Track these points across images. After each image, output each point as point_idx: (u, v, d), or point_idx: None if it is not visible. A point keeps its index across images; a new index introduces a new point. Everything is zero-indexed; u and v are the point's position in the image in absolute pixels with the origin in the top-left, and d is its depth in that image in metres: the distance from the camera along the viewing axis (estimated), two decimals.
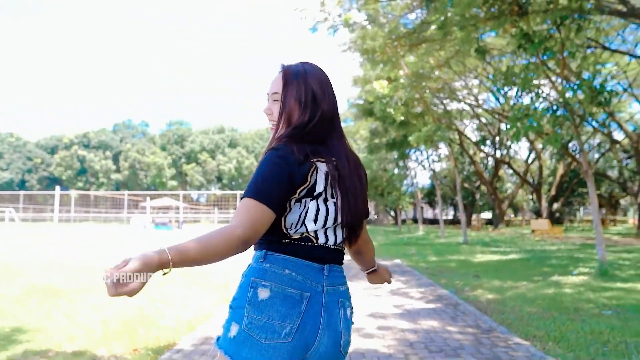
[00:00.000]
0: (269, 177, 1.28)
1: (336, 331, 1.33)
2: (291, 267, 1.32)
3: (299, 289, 1.30)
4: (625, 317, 5.02)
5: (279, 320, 1.26)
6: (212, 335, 4.28)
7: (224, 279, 8.02)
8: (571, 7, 7.80)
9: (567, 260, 11.18)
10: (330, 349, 1.32)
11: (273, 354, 1.24)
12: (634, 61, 21.13)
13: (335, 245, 1.40)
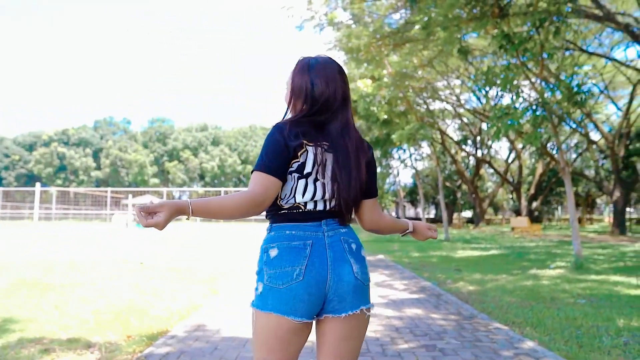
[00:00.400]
0: (270, 150, 1.51)
1: (345, 260, 1.52)
2: (291, 228, 1.53)
3: (301, 240, 1.51)
4: (597, 305, 5.29)
5: (289, 266, 1.48)
6: (204, 323, 4.40)
7: (211, 273, 8.11)
8: (550, 10, 8.08)
9: (545, 256, 11.53)
10: (346, 276, 1.50)
11: (290, 294, 1.47)
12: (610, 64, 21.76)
13: (325, 210, 1.57)
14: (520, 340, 3.80)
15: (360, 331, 1.57)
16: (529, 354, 3.45)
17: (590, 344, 3.67)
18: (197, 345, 3.64)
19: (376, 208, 1.69)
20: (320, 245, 1.51)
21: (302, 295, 1.46)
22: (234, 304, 5.37)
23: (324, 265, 1.49)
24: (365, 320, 1.57)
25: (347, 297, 1.51)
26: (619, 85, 26.04)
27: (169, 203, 1.33)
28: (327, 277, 1.48)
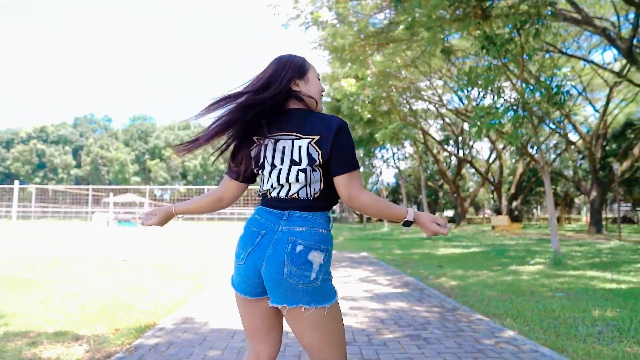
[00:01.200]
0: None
1: (279, 261, 1.60)
2: (259, 213, 1.73)
3: (258, 228, 1.69)
4: (574, 298, 5.47)
5: (241, 249, 1.70)
6: (191, 316, 4.44)
7: (196, 270, 8.12)
8: (530, 13, 8.29)
9: (525, 253, 11.79)
10: (273, 274, 1.60)
11: (238, 273, 1.72)
12: (588, 66, 22.28)
13: (288, 195, 1.67)
14: (500, 330, 3.94)
15: (305, 327, 1.60)
16: (509, 342, 3.58)
17: (567, 333, 3.81)
18: (186, 337, 3.69)
19: (352, 185, 1.64)
20: (269, 239, 1.64)
21: (242, 276, 1.69)
22: (221, 299, 5.42)
23: (262, 258, 1.63)
24: (308, 319, 1.58)
25: (273, 292, 1.61)
26: (597, 87, 26.66)
27: (160, 209, 1.92)
28: (260, 270, 1.64)
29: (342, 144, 1.64)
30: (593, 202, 22.45)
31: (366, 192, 1.66)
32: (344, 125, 1.66)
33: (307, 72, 1.78)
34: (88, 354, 3.30)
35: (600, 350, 3.34)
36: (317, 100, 1.75)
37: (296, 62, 1.77)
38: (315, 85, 1.78)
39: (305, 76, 1.76)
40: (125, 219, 32.02)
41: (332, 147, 1.63)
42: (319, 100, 1.76)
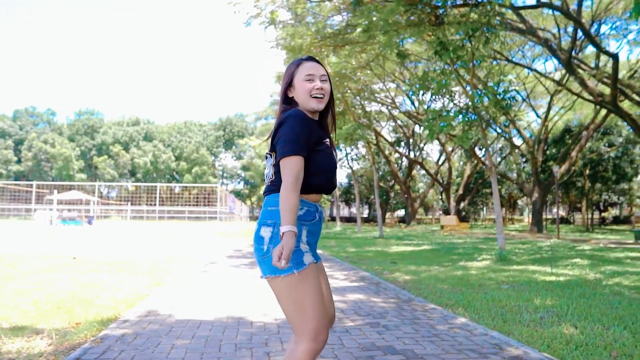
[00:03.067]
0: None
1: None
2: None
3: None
4: (519, 289, 5.86)
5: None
6: (154, 309, 4.45)
7: (151, 266, 8.03)
8: (481, 21, 8.74)
9: (472, 250, 12.35)
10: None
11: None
12: (531, 74, 23.53)
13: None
14: (453, 317, 4.20)
15: (275, 296, 1.84)
16: (462, 327, 3.84)
17: (513, 319, 4.13)
18: (152, 328, 3.72)
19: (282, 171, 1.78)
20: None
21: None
22: (181, 294, 5.43)
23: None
24: (273, 288, 1.83)
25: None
26: (539, 94, 28.19)
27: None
28: None
29: (281, 132, 1.79)
30: (535, 204, 23.70)
31: (285, 184, 1.72)
32: (290, 115, 1.80)
33: (294, 77, 1.93)
34: (51, 347, 3.26)
35: (542, 333, 3.65)
36: (302, 102, 1.91)
37: (289, 70, 1.97)
38: (300, 88, 1.91)
39: (294, 82, 1.93)
40: (70, 217, 30.72)
41: (274, 135, 1.84)
42: (304, 102, 1.90)
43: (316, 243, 1.96)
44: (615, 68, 13.23)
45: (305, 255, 1.81)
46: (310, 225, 1.88)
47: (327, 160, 1.88)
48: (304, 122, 1.80)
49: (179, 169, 63.25)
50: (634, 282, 6.48)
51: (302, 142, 1.77)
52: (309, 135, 1.81)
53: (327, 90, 1.94)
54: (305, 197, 1.86)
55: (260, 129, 62.27)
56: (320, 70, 1.93)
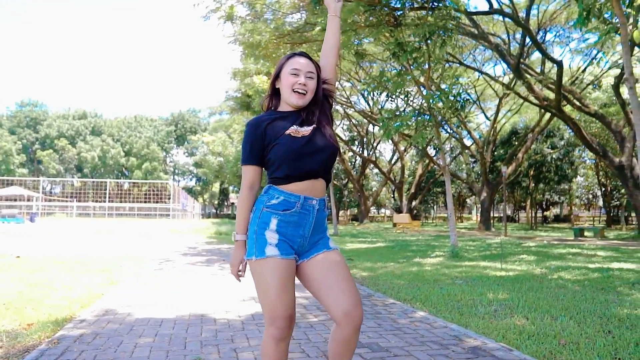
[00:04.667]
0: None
1: None
2: None
3: None
4: (472, 284, 6.09)
5: None
6: (112, 308, 4.32)
7: (103, 265, 7.78)
8: (437, 25, 9.00)
9: (426, 247, 12.70)
10: None
11: None
12: (481, 78, 24.41)
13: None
14: (413, 312, 4.33)
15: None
16: (422, 320, 3.97)
17: (469, 312, 4.30)
18: (112, 327, 3.61)
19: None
20: None
21: None
22: (138, 292, 5.30)
23: None
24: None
25: None
26: (488, 97, 29.27)
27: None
28: None
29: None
30: (483, 202, 24.62)
31: (241, 191, 1.94)
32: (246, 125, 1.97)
33: (282, 69, 1.97)
34: (1, 350, 3.11)
35: (497, 324, 3.83)
36: (284, 96, 1.97)
37: (279, 62, 2.01)
38: (284, 80, 1.95)
39: (281, 74, 1.97)
40: (10, 214, 29.13)
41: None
42: (286, 95, 1.96)
43: (307, 235, 1.93)
44: (560, 74, 13.95)
45: (268, 247, 1.85)
46: (285, 215, 1.88)
47: (285, 149, 1.87)
48: (250, 131, 1.92)
49: (128, 164, 61.26)
50: (576, 275, 6.88)
51: (247, 152, 1.92)
52: (254, 143, 1.91)
53: (311, 87, 1.95)
54: (283, 187, 1.90)
55: (214, 125, 61.21)
56: (308, 67, 1.96)
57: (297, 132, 1.91)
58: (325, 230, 2.02)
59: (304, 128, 1.94)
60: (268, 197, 1.91)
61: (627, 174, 16.10)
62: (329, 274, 1.90)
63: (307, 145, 1.91)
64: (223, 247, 12.82)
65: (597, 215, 42.65)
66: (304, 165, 1.90)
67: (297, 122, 1.94)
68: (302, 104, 1.94)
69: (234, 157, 37.80)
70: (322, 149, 1.94)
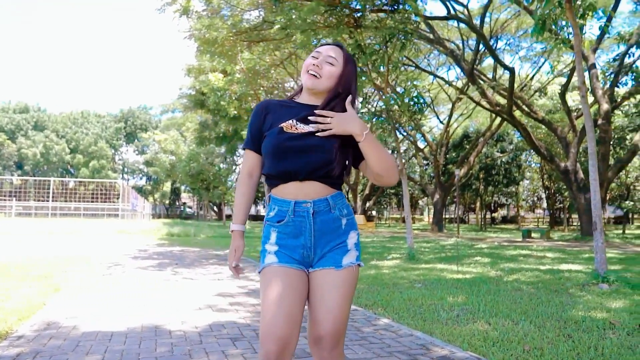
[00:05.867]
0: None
1: None
2: None
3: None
4: (430, 287, 6.10)
5: None
6: (54, 321, 3.98)
7: (44, 270, 7.28)
8: (398, 28, 9.02)
9: (382, 249, 12.76)
10: None
11: None
12: (435, 82, 24.95)
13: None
14: (376, 319, 4.24)
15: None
16: (386, 328, 3.88)
17: (432, 318, 4.26)
18: (55, 344, 3.29)
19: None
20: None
21: None
22: (85, 302, 4.93)
23: None
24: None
25: None
26: (441, 101, 29.97)
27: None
28: None
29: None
30: (436, 204, 25.14)
31: (240, 177, 1.84)
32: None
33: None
34: None
35: (461, 330, 3.80)
36: (302, 79, 1.82)
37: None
38: (304, 64, 1.81)
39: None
40: None
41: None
42: (302, 78, 1.80)
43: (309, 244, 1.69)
44: (512, 81, 14.39)
45: (267, 256, 1.70)
46: (281, 227, 1.70)
47: (270, 143, 1.70)
48: (254, 113, 1.82)
49: (74, 162, 58.58)
50: (529, 278, 7.05)
51: (248, 135, 1.81)
52: (254, 127, 1.79)
53: (328, 71, 1.75)
54: (275, 194, 1.74)
55: (166, 123, 59.53)
56: (330, 52, 1.79)
57: (293, 128, 1.71)
58: (344, 234, 1.74)
59: (304, 126, 1.72)
60: (268, 209, 1.77)
61: (571, 178, 16.84)
62: (319, 297, 1.66)
63: (296, 141, 1.69)
64: (175, 249, 12.39)
65: (541, 216, 44.62)
66: (285, 163, 1.69)
67: (299, 115, 1.74)
68: (311, 85, 1.76)
69: (187, 156, 36.89)
70: (312, 149, 1.69)
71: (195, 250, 12.12)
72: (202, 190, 37.71)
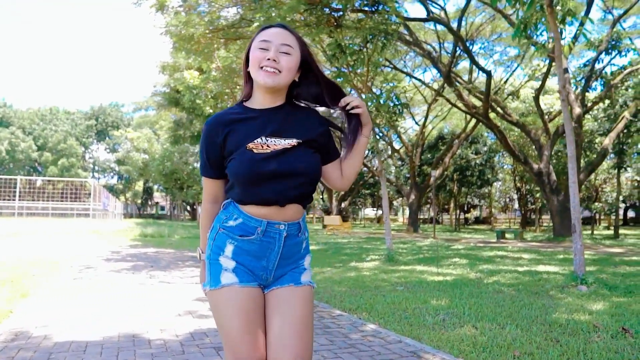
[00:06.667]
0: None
1: None
2: None
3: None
4: (413, 290, 6.06)
5: None
6: (23, 330, 3.74)
7: (13, 273, 6.95)
8: (378, 28, 8.98)
9: (359, 250, 12.72)
10: None
11: None
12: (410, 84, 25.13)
13: None
14: (363, 324, 4.15)
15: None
16: (374, 335, 3.79)
17: (418, 323, 4.19)
18: (24, 356, 3.08)
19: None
20: None
21: None
22: (56, 309, 4.69)
23: None
24: None
25: None
26: (416, 103, 30.22)
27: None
28: None
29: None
30: (411, 205, 25.31)
31: (203, 204, 1.64)
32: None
33: (251, 47, 1.55)
34: None
35: (449, 336, 3.74)
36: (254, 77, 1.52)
37: (250, 42, 1.57)
38: (252, 59, 1.52)
39: (250, 53, 1.55)
40: None
41: None
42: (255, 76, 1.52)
43: (272, 267, 1.53)
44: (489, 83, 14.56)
45: (223, 274, 1.49)
46: (243, 242, 1.51)
47: (238, 168, 1.47)
48: (207, 135, 1.53)
49: (42, 160, 56.87)
50: (509, 280, 7.09)
51: (203, 161, 1.57)
52: (211, 152, 1.53)
53: (287, 64, 1.50)
54: (243, 208, 1.52)
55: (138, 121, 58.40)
56: (282, 38, 1.51)
57: (263, 147, 1.49)
58: (301, 259, 1.61)
59: (276, 140, 1.50)
60: (226, 216, 1.55)
61: (545, 180, 17.17)
62: (278, 317, 1.50)
63: (272, 164, 1.47)
64: (149, 250, 12.07)
65: (512, 217, 45.52)
66: (262, 191, 1.48)
67: (268, 129, 1.51)
68: (272, 83, 1.48)
69: (161, 155, 36.25)
70: (294, 171, 1.50)
71: (170, 252, 11.83)
72: (175, 190, 37.10)
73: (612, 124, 18.20)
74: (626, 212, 40.06)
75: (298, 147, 1.52)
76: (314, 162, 1.55)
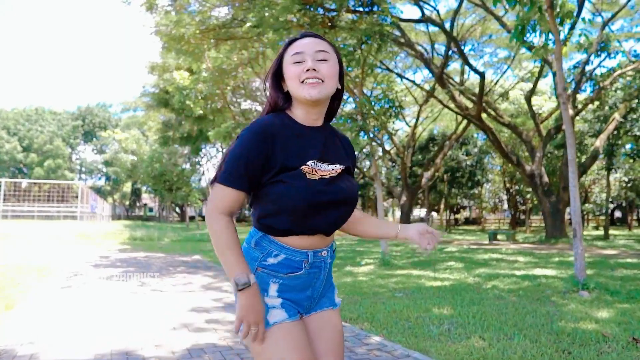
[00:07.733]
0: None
1: None
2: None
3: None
4: (412, 297, 5.92)
5: None
6: (9, 347, 3.52)
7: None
8: (373, 29, 8.86)
9: (353, 253, 12.59)
10: None
11: None
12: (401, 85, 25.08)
13: None
14: (366, 336, 4.00)
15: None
16: (380, 348, 3.63)
17: (423, 334, 4.05)
18: None
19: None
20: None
21: None
22: (43, 322, 4.47)
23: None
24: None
25: None
26: (407, 104, 30.19)
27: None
28: None
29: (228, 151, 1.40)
30: (403, 206, 25.24)
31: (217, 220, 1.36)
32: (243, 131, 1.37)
33: (283, 63, 1.43)
34: None
35: (456, 348, 3.60)
36: (294, 95, 1.41)
37: (277, 57, 1.45)
38: (288, 75, 1.40)
39: (283, 69, 1.43)
40: None
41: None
42: (296, 91, 1.39)
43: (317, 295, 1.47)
44: (482, 85, 14.52)
45: (271, 312, 1.37)
46: (288, 279, 1.40)
47: (294, 195, 1.32)
48: (254, 140, 1.33)
49: (27, 161, 56.00)
50: (508, 285, 6.99)
51: (238, 170, 1.33)
52: (253, 161, 1.33)
53: (327, 71, 1.38)
54: (282, 241, 1.39)
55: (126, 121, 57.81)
56: (314, 46, 1.39)
57: (314, 172, 1.37)
58: (330, 276, 1.55)
59: (325, 166, 1.40)
60: (262, 253, 1.40)
61: (537, 181, 17.19)
62: (323, 343, 1.46)
63: (326, 193, 1.37)
64: (139, 255, 11.81)
65: (502, 218, 45.75)
66: (316, 222, 1.38)
67: (316, 152, 1.39)
68: (318, 95, 1.35)
69: (149, 157, 35.84)
70: (344, 203, 1.42)
71: (160, 257, 11.59)
72: (164, 191, 36.68)
73: (602, 125, 18.30)
74: (613, 213, 40.49)
75: (342, 173, 1.44)
76: (357, 189, 1.50)
